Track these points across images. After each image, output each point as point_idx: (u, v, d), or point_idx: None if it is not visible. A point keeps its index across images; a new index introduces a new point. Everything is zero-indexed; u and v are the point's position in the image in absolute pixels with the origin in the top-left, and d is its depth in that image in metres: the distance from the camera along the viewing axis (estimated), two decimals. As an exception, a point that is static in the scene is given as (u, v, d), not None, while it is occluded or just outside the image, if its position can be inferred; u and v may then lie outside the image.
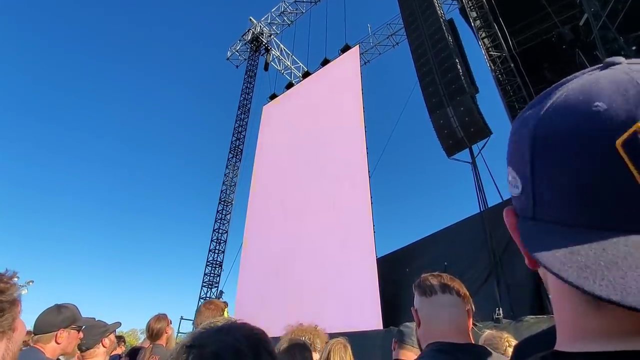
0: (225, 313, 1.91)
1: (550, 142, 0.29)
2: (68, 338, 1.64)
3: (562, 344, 0.31)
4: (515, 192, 0.34)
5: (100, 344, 1.88)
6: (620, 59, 0.29)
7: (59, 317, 1.64)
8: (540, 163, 0.30)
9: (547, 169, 0.29)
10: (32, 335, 1.61)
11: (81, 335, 1.74)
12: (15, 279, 0.80)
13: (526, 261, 0.34)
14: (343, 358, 1.83)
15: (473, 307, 0.95)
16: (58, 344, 1.60)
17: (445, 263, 7.94)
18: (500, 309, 6.75)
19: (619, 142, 0.25)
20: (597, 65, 0.30)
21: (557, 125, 0.29)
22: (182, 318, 13.34)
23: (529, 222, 0.32)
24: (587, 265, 0.25)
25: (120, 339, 3.62)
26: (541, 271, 0.36)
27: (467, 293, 0.96)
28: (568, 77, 0.32)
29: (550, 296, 0.34)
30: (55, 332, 1.60)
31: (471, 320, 0.93)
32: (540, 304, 7.02)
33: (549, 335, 0.35)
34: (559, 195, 0.29)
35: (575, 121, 0.28)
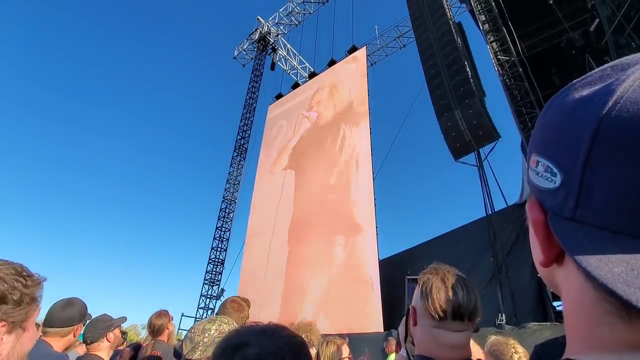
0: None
1: (621, 138, 0.24)
2: (79, 331, 1.70)
3: (574, 353, 0.29)
4: (547, 185, 0.29)
5: (105, 338, 1.88)
6: None
7: (77, 312, 1.68)
8: (601, 159, 0.25)
9: (608, 168, 0.25)
10: (41, 327, 1.63)
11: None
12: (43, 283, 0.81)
13: (541, 260, 0.31)
14: (334, 354, 1.84)
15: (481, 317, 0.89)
16: (74, 337, 1.66)
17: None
18: (503, 314, 6.70)
19: None
20: None
21: (634, 118, 0.24)
22: (183, 315, 13.41)
23: (565, 223, 0.27)
24: None
25: (123, 334, 3.63)
26: (547, 273, 0.33)
27: (480, 307, 0.88)
28: (635, 57, 0.27)
29: (562, 303, 0.31)
30: (76, 326, 1.66)
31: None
32: (543, 310, 6.96)
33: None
34: (619, 201, 0.24)
35: None
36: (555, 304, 7.10)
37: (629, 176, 0.24)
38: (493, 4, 9.79)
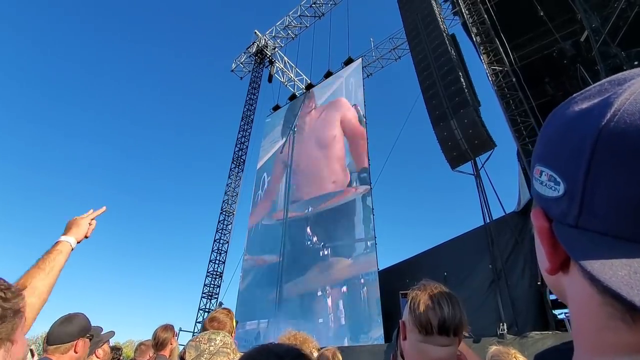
0: (234, 323, 1.93)
1: (620, 147, 0.25)
2: (84, 347, 1.66)
3: (580, 357, 0.29)
4: (551, 194, 0.30)
5: (94, 354, 1.84)
6: None
7: (75, 327, 1.65)
8: (601, 167, 0.26)
9: (608, 175, 0.26)
10: (46, 346, 1.60)
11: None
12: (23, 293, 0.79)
13: (547, 267, 0.31)
14: None
15: (466, 332, 0.91)
16: (76, 353, 1.62)
17: (445, 273, 7.86)
18: (504, 323, 6.62)
19: None
20: None
21: (631, 128, 0.25)
22: (180, 329, 13.17)
23: (569, 230, 0.28)
24: None
25: (117, 350, 3.56)
26: (553, 280, 0.33)
27: (465, 322, 0.89)
28: (631, 72, 0.28)
29: (569, 309, 0.31)
30: (75, 342, 1.62)
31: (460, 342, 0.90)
32: (543, 318, 6.89)
33: (570, 350, 0.33)
34: (620, 207, 0.25)
35: None
36: (555, 312, 7.03)
37: (627, 183, 0.25)
38: (485, 16, 9.99)
